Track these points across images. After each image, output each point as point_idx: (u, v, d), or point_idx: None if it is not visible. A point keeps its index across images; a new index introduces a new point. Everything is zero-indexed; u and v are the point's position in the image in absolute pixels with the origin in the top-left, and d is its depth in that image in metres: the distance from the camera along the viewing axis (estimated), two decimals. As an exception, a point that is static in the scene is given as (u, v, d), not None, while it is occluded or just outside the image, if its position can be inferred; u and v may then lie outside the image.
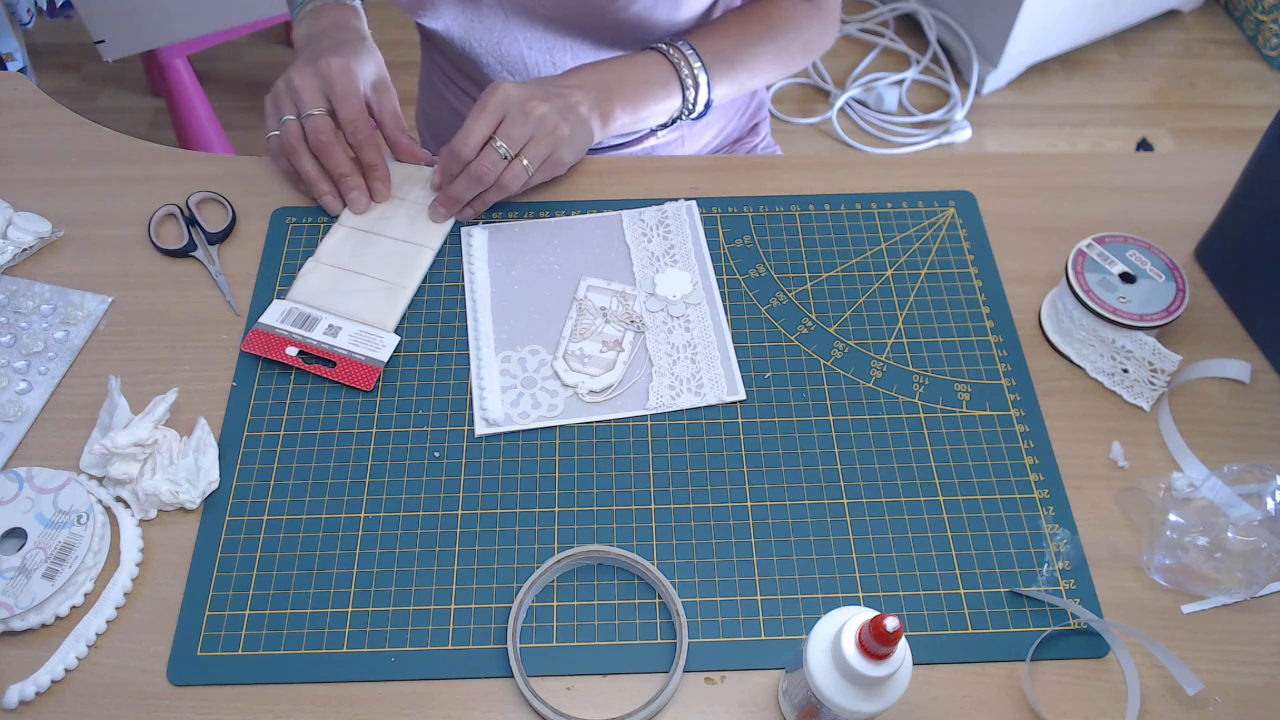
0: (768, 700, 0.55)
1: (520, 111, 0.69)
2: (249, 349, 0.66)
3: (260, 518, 0.61)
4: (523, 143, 0.70)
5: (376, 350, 0.67)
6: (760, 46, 0.80)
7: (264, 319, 0.68)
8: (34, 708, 0.54)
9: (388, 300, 0.70)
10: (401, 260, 0.72)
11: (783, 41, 0.81)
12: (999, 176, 0.78)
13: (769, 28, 0.81)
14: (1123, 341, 0.64)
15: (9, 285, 0.71)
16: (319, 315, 0.68)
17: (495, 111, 0.69)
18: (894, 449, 0.64)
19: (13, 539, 0.57)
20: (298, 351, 0.66)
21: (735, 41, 0.79)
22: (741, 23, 0.80)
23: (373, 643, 0.56)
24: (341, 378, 0.66)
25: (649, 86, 0.76)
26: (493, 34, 0.80)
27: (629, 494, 0.62)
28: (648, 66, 0.77)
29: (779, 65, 0.82)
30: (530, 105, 0.69)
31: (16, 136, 0.81)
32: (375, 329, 0.68)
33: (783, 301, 0.71)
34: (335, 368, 0.66)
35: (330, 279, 0.70)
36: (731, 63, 0.79)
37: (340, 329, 0.68)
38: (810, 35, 0.83)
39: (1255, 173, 0.68)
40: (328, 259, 0.71)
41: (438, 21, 0.79)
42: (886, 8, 2.05)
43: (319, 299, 0.69)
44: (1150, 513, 0.59)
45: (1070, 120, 1.91)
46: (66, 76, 1.93)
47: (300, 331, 0.67)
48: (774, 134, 1.07)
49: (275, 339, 0.67)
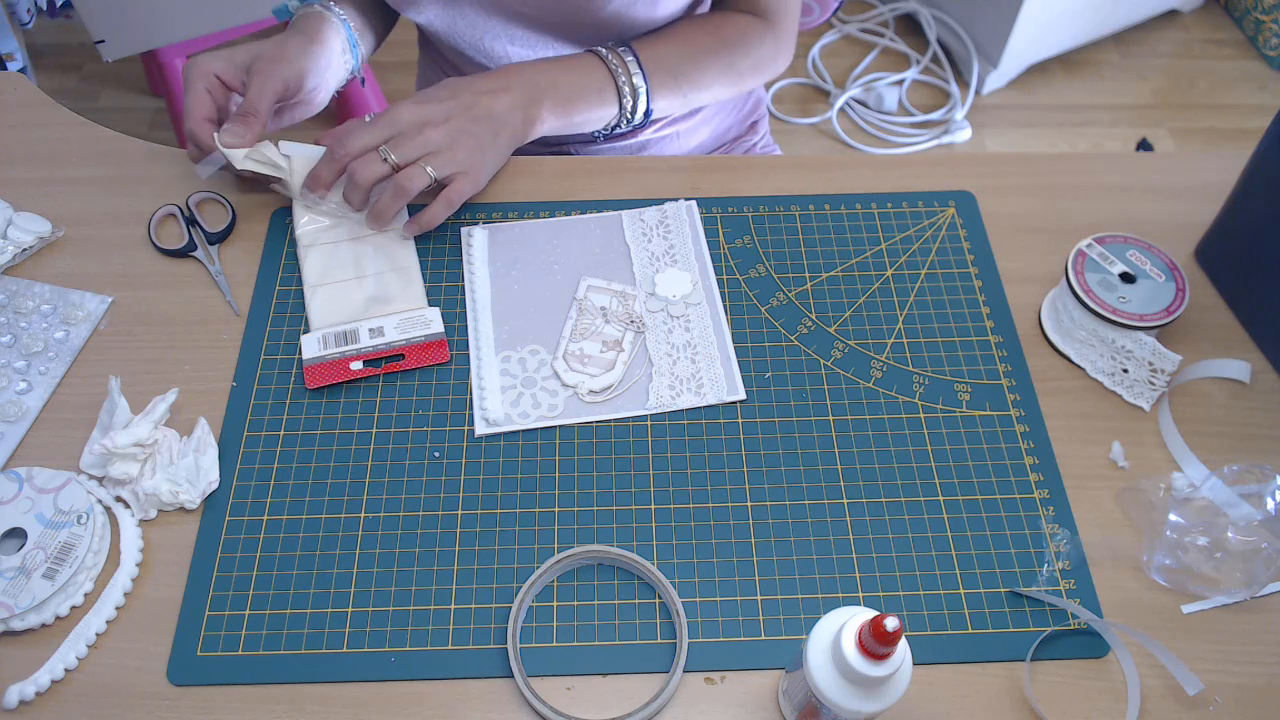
0: (768, 700, 0.55)
1: (411, 132, 0.68)
2: (314, 384, 0.65)
3: (260, 518, 0.61)
4: (408, 161, 0.69)
5: (429, 327, 0.68)
6: (707, 59, 0.79)
7: (306, 354, 0.67)
8: (34, 708, 0.54)
9: (405, 283, 0.70)
10: (391, 248, 0.72)
11: (731, 57, 0.80)
12: (999, 176, 0.78)
13: (719, 41, 0.79)
14: (1123, 341, 0.64)
15: (9, 285, 0.71)
16: (354, 326, 0.68)
17: (385, 128, 0.68)
18: (894, 449, 0.64)
19: (13, 539, 0.57)
20: (363, 363, 0.66)
21: (681, 52, 0.78)
22: (690, 33, 0.79)
23: (373, 643, 0.56)
24: (418, 362, 0.66)
25: (583, 92, 0.75)
26: (474, 30, 0.79)
27: (629, 494, 0.62)
28: (585, 71, 0.75)
29: (726, 81, 0.81)
30: (424, 131, 0.68)
31: (16, 136, 0.81)
32: (413, 311, 0.69)
33: (783, 301, 0.71)
34: (405, 359, 0.66)
35: (339, 294, 0.70)
36: (675, 74, 0.78)
37: (382, 327, 0.68)
38: (762, 55, 0.81)
39: (1255, 173, 0.68)
40: (322, 280, 0.70)
41: (420, 15, 0.79)
42: (886, 8, 2.05)
43: (341, 314, 0.69)
44: (1150, 513, 0.59)
45: (1070, 120, 1.91)
46: (66, 76, 1.93)
47: (350, 348, 0.67)
48: (773, 134, 1.07)
49: (331, 365, 0.66)
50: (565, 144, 0.88)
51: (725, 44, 0.79)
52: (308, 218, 0.73)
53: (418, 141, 0.68)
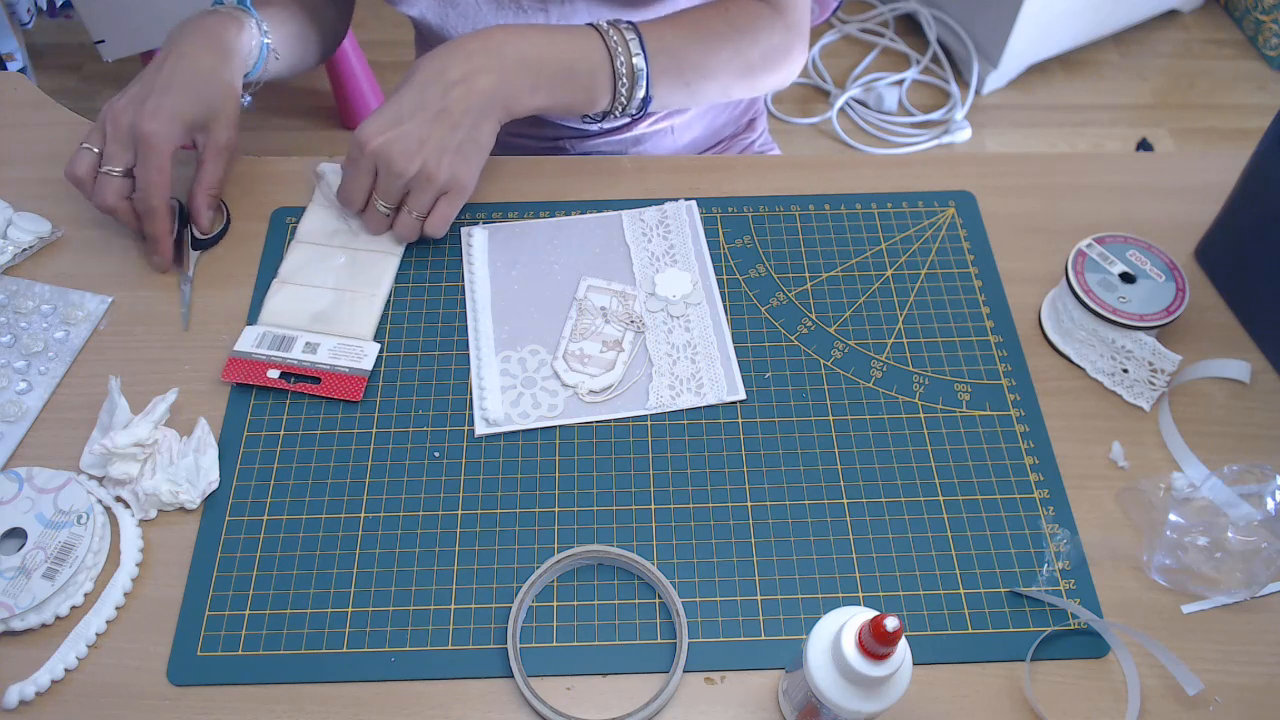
0: (768, 700, 0.55)
1: (388, 173, 0.67)
2: (229, 378, 0.65)
3: (260, 518, 0.61)
4: (400, 196, 0.69)
5: (359, 360, 0.66)
6: (716, 44, 0.74)
7: (239, 345, 0.66)
8: (34, 708, 0.54)
9: (362, 310, 0.69)
10: (368, 269, 0.71)
11: (740, 44, 0.74)
12: (999, 176, 0.78)
13: (728, 25, 0.74)
14: (1123, 341, 0.64)
15: (9, 285, 0.71)
16: (294, 335, 0.67)
17: (367, 170, 0.67)
18: (894, 449, 0.64)
19: (13, 539, 0.57)
20: (280, 374, 0.65)
21: (688, 36, 0.73)
22: (699, 16, 0.75)
23: (373, 643, 0.56)
24: (328, 392, 0.65)
25: (572, 74, 0.69)
26: (466, 20, 0.79)
27: (629, 494, 0.62)
28: (578, 47, 0.70)
29: (734, 71, 0.75)
30: (400, 162, 0.66)
31: (16, 136, 0.81)
32: (354, 340, 0.67)
33: (783, 301, 0.71)
34: (320, 384, 0.65)
35: (298, 297, 0.69)
36: (678, 57, 0.73)
37: (318, 345, 0.67)
38: (772, 45, 0.76)
39: (1255, 173, 0.68)
40: (292, 278, 0.70)
41: (413, 9, 0.79)
42: (886, 8, 2.05)
43: (290, 318, 0.68)
44: (1150, 513, 0.59)
45: (1070, 120, 1.91)
46: (66, 76, 1.93)
47: (279, 354, 0.66)
48: (773, 134, 1.07)
49: (254, 365, 0.66)
50: (560, 138, 0.88)
51: (735, 28, 0.74)
52: (317, 222, 0.73)
53: (398, 181, 0.67)
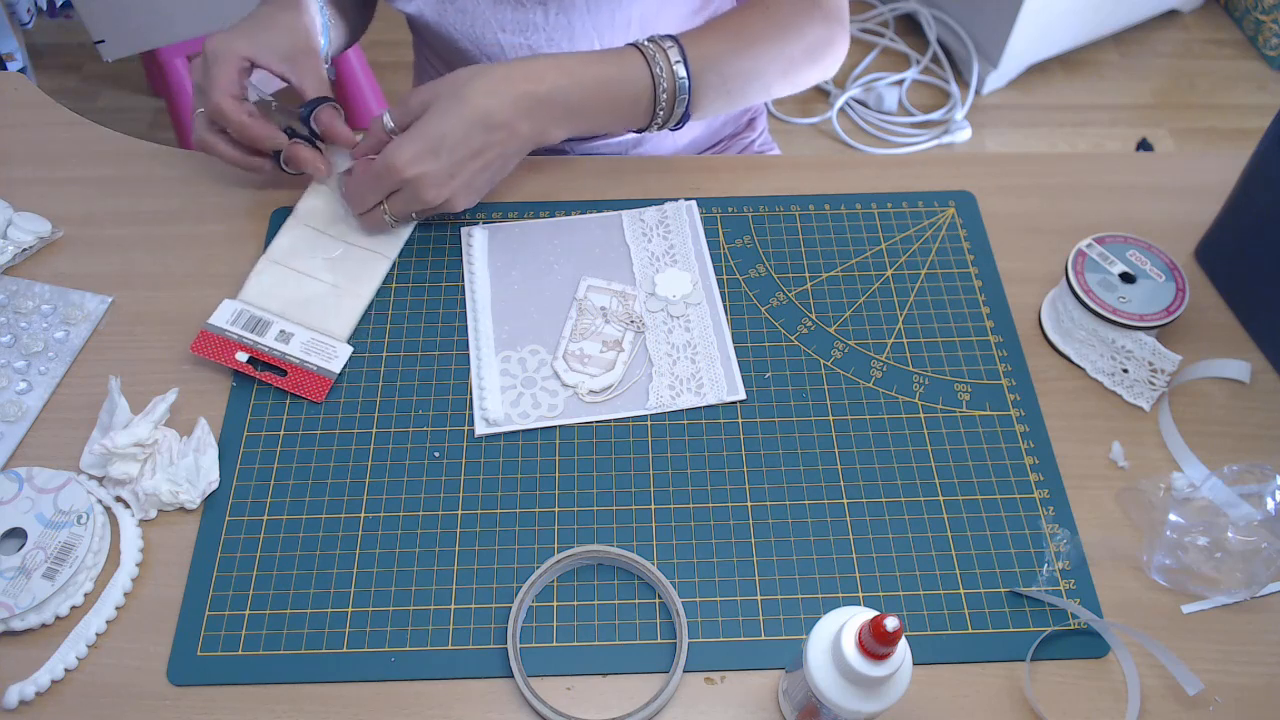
0: (768, 700, 0.55)
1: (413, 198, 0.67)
2: (197, 351, 0.65)
3: (260, 518, 0.61)
4: (406, 213, 0.70)
5: (329, 361, 0.66)
6: (762, 46, 0.74)
7: (213, 320, 0.66)
8: (34, 708, 0.54)
9: (342, 308, 0.68)
10: (358, 267, 0.70)
11: (784, 42, 0.74)
12: (999, 176, 0.78)
13: (771, 24, 0.74)
14: (1123, 341, 0.65)
15: (9, 285, 0.71)
16: (270, 319, 0.67)
17: (390, 188, 0.67)
18: (894, 449, 0.64)
19: (13, 539, 0.57)
20: (248, 358, 0.65)
21: (732, 42, 0.72)
22: (743, 17, 0.74)
23: (373, 643, 0.56)
24: (291, 387, 0.64)
25: (616, 107, 0.70)
26: (464, 17, 0.79)
27: (629, 494, 0.62)
28: (626, 78, 0.70)
29: (779, 70, 0.75)
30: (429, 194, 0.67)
31: (16, 136, 0.81)
32: (328, 338, 0.67)
33: (783, 301, 0.71)
34: (286, 377, 0.65)
35: (283, 280, 0.69)
36: (722, 70, 0.72)
37: (292, 335, 0.66)
38: (815, 39, 0.75)
39: (1255, 173, 0.68)
40: (281, 258, 0.70)
41: (410, 5, 0.78)
42: (886, 8, 2.05)
43: (270, 301, 0.68)
44: (1150, 513, 0.59)
45: (1070, 120, 1.91)
46: (66, 76, 1.93)
47: (251, 336, 0.65)
48: (773, 134, 1.07)
49: (225, 342, 0.65)
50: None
51: (777, 25, 0.73)
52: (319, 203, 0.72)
53: (418, 206, 0.68)
